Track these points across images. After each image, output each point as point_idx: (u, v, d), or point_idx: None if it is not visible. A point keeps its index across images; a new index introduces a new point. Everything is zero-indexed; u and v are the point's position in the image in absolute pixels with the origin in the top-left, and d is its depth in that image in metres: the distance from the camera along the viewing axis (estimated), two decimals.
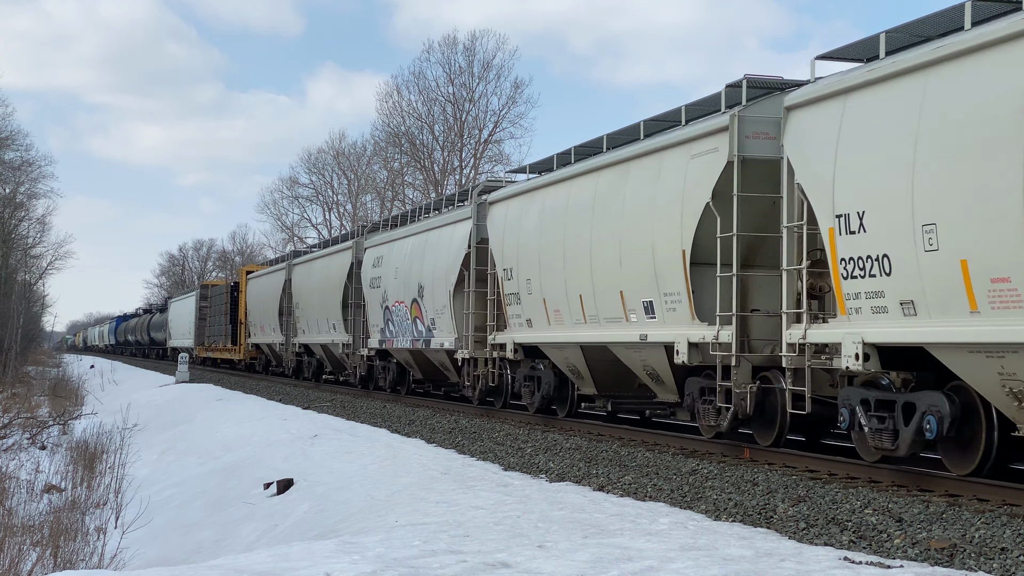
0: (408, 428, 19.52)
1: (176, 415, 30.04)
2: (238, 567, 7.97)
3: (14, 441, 25.99)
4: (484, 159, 61.13)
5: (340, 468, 15.22)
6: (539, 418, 19.11)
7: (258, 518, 14.23)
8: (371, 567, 7.77)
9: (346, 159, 76.48)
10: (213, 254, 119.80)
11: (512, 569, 7.81)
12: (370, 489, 12.96)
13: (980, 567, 7.89)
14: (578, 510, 10.55)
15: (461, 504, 11.08)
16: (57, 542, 13.78)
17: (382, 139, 66.10)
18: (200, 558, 12.80)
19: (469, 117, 61.24)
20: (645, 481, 12.19)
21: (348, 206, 75.93)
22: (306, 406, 26.55)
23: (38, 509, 17.52)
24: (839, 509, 9.88)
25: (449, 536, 9.23)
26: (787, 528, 9.52)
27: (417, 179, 64.33)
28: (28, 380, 52.11)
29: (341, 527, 11.30)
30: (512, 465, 14.20)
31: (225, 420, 25.61)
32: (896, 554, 8.42)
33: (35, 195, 63.87)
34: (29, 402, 36.86)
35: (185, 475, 20.10)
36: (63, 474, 20.86)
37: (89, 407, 36.62)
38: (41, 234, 71.54)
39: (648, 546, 8.63)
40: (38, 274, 77.46)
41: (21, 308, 60.50)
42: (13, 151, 58.17)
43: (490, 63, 60.98)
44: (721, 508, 10.52)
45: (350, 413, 23.56)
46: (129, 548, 14.41)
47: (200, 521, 15.90)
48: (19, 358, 57.33)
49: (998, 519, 8.95)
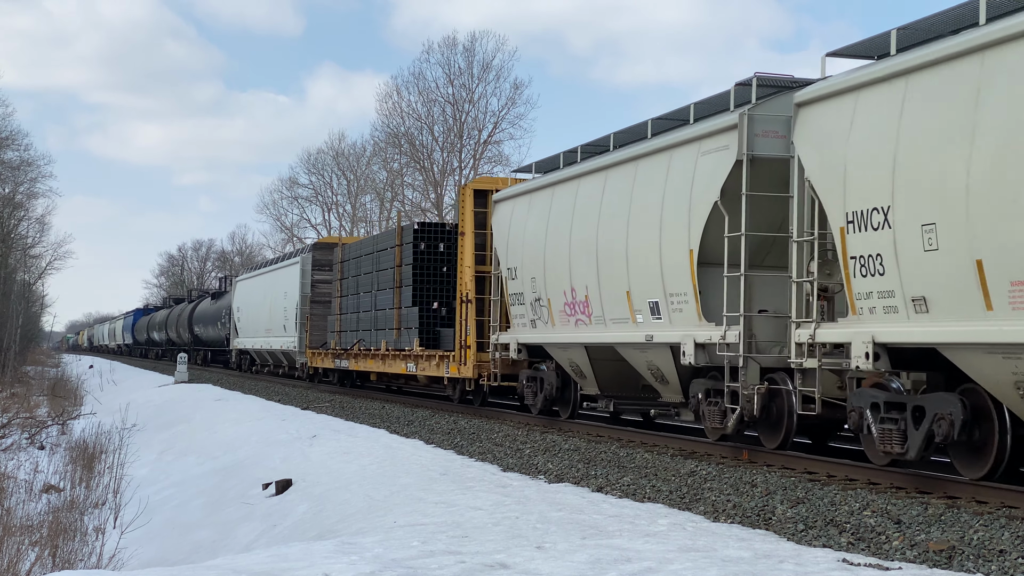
0: (407, 429, 19.52)
1: (175, 415, 30.04)
2: (236, 567, 7.97)
3: (13, 441, 26.01)
4: (483, 160, 61.16)
5: (339, 468, 15.22)
6: (540, 419, 19.10)
7: (257, 518, 14.23)
8: (369, 567, 7.77)
9: (345, 159, 76.48)
10: (212, 254, 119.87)
11: (511, 570, 7.81)
12: (369, 490, 12.96)
13: (978, 569, 7.89)
14: (577, 511, 10.55)
15: (460, 505, 11.08)
16: (55, 542, 13.78)
17: (382, 140, 66.12)
18: (198, 558, 12.80)
19: (468, 118, 61.27)
20: (644, 482, 12.19)
21: (347, 207, 75.95)
22: (305, 406, 26.56)
23: (36, 509, 17.52)
24: (838, 511, 9.88)
25: (448, 537, 9.22)
26: (786, 529, 9.52)
27: (417, 180, 64.38)
28: (27, 380, 52.12)
29: (340, 527, 11.30)
30: (511, 466, 14.20)
31: (224, 420, 25.61)
32: (895, 556, 8.42)
33: (34, 195, 63.84)
34: (28, 402, 36.85)
35: (184, 475, 20.10)
36: (62, 474, 20.86)
37: (88, 407, 36.64)
38: (40, 234, 71.53)
39: (647, 547, 8.63)
40: (37, 274, 77.45)
41: (20, 308, 60.55)
42: (13, 151, 58.18)
43: (489, 64, 61.01)
44: (720, 509, 10.52)
45: (349, 414, 23.57)
46: (127, 548, 14.40)
47: (198, 521, 15.90)
48: (18, 358, 57.38)
49: (996, 521, 8.95)
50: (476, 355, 21.10)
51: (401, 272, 25.51)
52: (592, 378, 17.19)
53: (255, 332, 42.64)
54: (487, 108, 61.07)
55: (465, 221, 21.73)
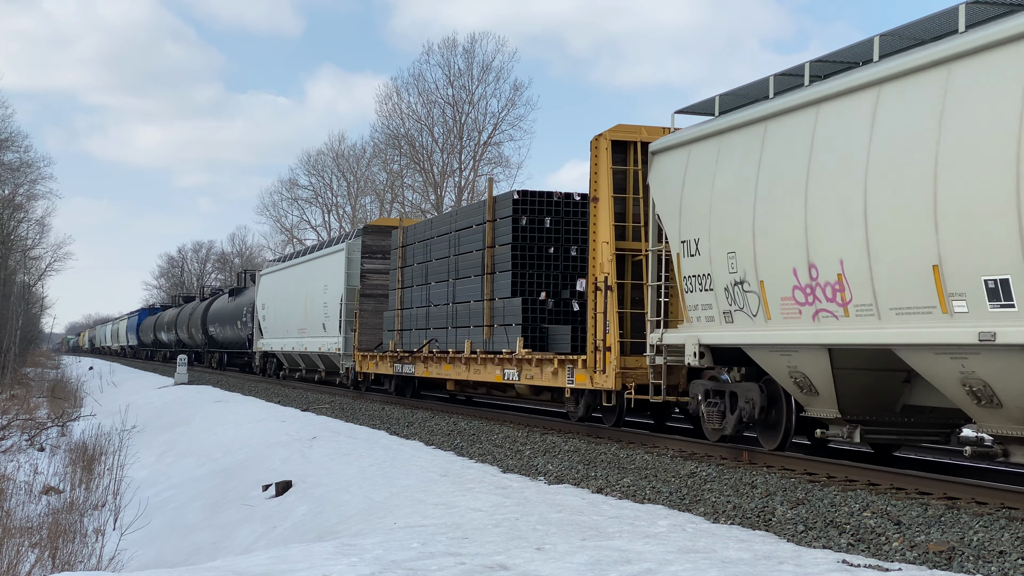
0: (407, 430, 19.52)
1: (175, 417, 30.04)
2: (236, 569, 7.97)
3: (13, 443, 25.99)
4: (483, 161, 61.21)
5: (339, 470, 15.22)
6: (539, 419, 18.99)
7: (257, 520, 14.23)
8: (369, 569, 7.77)
9: (345, 161, 76.58)
10: (212, 256, 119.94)
11: (511, 571, 7.82)
12: (369, 491, 12.96)
13: (978, 570, 7.89)
14: (577, 512, 10.55)
15: (460, 506, 11.08)
16: (55, 544, 13.77)
17: (381, 141, 66.23)
18: (198, 560, 12.81)
19: (468, 119, 61.35)
20: (644, 483, 12.19)
21: (347, 208, 75.98)
22: (305, 408, 26.55)
23: (36, 511, 17.51)
24: (838, 512, 9.88)
25: (448, 538, 9.23)
26: (786, 531, 9.53)
27: (416, 181, 64.41)
28: (27, 382, 52.12)
29: (340, 529, 11.30)
30: (511, 467, 14.20)
31: (224, 422, 25.60)
32: (894, 557, 8.43)
33: (34, 196, 63.89)
34: (28, 403, 36.84)
35: (184, 477, 20.10)
36: (62, 476, 20.85)
37: (88, 409, 36.64)
38: (40, 235, 71.60)
39: (647, 548, 8.63)
40: (37, 276, 77.51)
41: (20, 310, 60.54)
42: (13, 152, 58.23)
43: (489, 65, 61.10)
44: (720, 510, 10.52)
45: (349, 415, 23.56)
46: (127, 550, 14.40)
47: (198, 523, 15.90)
48: (18, 359, 57.38)
49: (996, 522, 8.95)
50: (619, 359, 16.08)
51: (494, 254, 20.52)
52: (830, 395, 12.25)
53: (285, 332, 37.66)
54: (487, 109, 61.23)
55: (600, 182, 16.70)
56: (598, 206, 16.66)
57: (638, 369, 15.93)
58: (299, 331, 35.48)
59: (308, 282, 34.73)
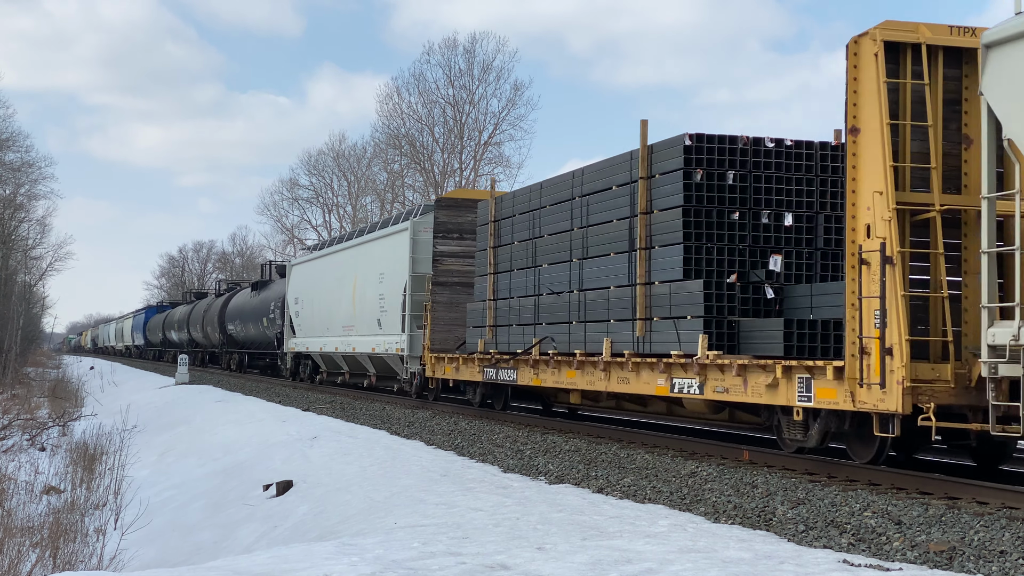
0: (407, 430, 19.52)
1: (176, 416, 30.04)
2: (237, 569, 7.97)
3: (14, 442, 26.01)
4: (484, 161, 61.21)
5: (339, 470, 15.22)
6: (538, 419, 19.04)
7: (257, 520, 14.23)
8: (370, 568, 7.78)
9: (346, 161, 76.59)
10: (213, 255, 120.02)
11: (511, 571, 7.82)
12: (369, 491, 12.97)
13: (979, 570, 7.90)
14: (577, 512, 10.56)
15: (460, 506, 11.08)
16: (56, 543, 13.77)
17: (382, 141, 66.30)
18: (199, 559, 12.81)
19: (469, 119, 61.37)
20: (644, 483, 12.19)
21: (348, 208, 76.00)
22: (305, 408, 26.55)
23: (37, 510, 17.52)
24: (838, 511, 9.88)
25: (448, 538, 9.23)
26: (786, 530, 9.53)
27: (417, 181, 64.42)
28: (28, 381, 52.14)
29: (340, 529, 11.30)
30: (511, 467, 14.20)
31: (225, 422, 25.61)
32: (895, 556, 8.43)
33: (35, 196, 64.03)
34: (29, 403, 36.86)
35: (184, 476, 20.11)
36: (62, 475, 20.87)
37: (89, 408, 36.65)
38: (41, 235, 71.71)
39: (647, 548, 8.63)
40: (38, 275, 77.58)
41: (21, 309, 60.57)
42: (14, 152, 58.30)
43: (490, 65, 61.15)
44: (720, 510, 10.52)
45: (349, 415, 23.56)
46: (128, 549, 14.41)
47: (199, 522, 15.91)
48: (19, 359, 57.39)
49: (997, 522, 8.95)
50: (909, 367, 10.70)
51: (651, 223, 15.06)
52: None
53: (325, 330, 32.37)
54: (487, 109, 61.27)
55: (863, 105, 11.49)
56: (860, 140, 11.44)
57: (936, 383, 10.91)
58: (344, 329, 30.50)
59: (357, 270, 29.64)
